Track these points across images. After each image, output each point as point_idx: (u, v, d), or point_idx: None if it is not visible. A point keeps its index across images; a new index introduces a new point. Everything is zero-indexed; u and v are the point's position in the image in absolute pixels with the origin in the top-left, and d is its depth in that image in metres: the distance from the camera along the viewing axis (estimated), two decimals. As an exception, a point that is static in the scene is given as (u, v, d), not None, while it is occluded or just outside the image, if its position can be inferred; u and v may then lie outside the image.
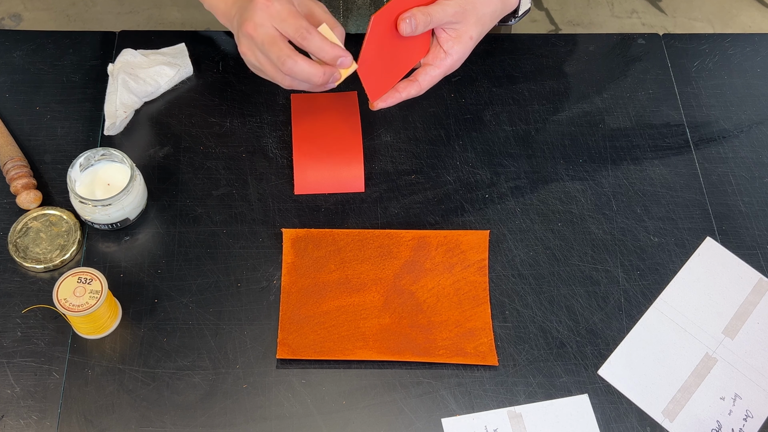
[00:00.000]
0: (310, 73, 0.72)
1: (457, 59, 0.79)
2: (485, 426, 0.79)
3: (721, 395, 0.82)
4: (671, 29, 2.15)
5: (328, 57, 0.72)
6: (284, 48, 0.72)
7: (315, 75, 0.72)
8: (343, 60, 0.73)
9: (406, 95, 0.80)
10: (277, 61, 0.72)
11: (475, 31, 0.78)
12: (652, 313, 0.86)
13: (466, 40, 0.78)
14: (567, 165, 0.95)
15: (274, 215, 0.90)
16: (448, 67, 0.80)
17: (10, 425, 0.77)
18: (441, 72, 0.80)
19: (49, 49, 1.00)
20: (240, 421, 0.78)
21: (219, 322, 0.83)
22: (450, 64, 0.80)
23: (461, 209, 0.91)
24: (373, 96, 0.79)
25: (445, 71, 0.80)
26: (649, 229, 0.91)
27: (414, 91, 0.80)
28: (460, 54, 0.79)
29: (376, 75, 0.78)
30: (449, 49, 0.78)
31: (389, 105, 0.81)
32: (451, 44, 0.78)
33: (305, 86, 0.75)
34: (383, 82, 0.80)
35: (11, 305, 0.83)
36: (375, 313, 0.84)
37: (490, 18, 0.80)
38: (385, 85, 0.80)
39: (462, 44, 0.78)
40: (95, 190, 0.86)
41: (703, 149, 0.97)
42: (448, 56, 0.79)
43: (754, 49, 1.06)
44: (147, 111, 0.96)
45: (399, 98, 0.80)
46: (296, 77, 0.73)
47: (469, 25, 0.77)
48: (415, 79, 0.80)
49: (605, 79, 1.02)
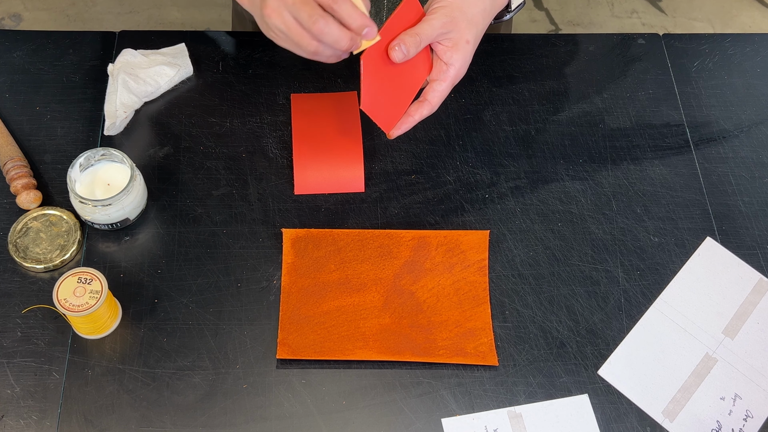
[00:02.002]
0: (339, 36, 0.70)
1: (459, 67, 0.79)
2: (485, 426, 0.79)
3: (721, 395, 0.82)
4: (671, 29, 2.15)
5: (356, 24, 0.70)
6: (316, 8, 0.69)
7: (343, 38, 0.70)
8: (369, 30, 0.71)
9: (419, 117, 0.80)
10: (308, 21, 0.69)
11: (469, 34, 0.78)
12: (652, 313, 0.86)
13: (464, 46, 0.78)
14: (567, 165, 0.95)
15: (274, 215, 0.90)
16: (453, 77, 0.79)
17: (10, 425, 0.77)
18: (448, 85, 0.79)
19: (49, 49, 1.00)
20: (240, 421, 0.78)
21: (219, 322, 0.83)
22: (454, 74, 0.79)
23: (461, 209, 0.91)
24: (387, 127, 0.79)
25: (451, 83, 0.79)
26: (649, 229, 0.91)
27: (426, 111, 0.80)
28: (461, 62, 0.78)
29: (384, 108, 0.77)
30: (449, 59, 0.78)
31: (405, 131, 0.81)
32: (450, 54, 0.77)
33: (328, 53, 0.73)
34: (394, 111, 0.79)
35: (11, 305, 0.83)
36: (375, 313, 0.84)
37: (481, 17, 0.79)
38: (396, 113, 0.79)
39: (460, 51, 0.78)
40: (95, 190, 0.86)
41: (703, 149, 0.97)
42: (450, 67, 0.78)
43: (754, 49, 1.06)
44: (147, 111, 0.96)
45: (413, 122, 0.80)
46: (325, 39, 0.70)
47: (461, 31, 0.77)
48: (424, 99, 0.80)
49: (605, 79, 1.02)
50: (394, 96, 0.78)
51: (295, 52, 0.73)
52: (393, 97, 0.78)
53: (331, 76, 1.00)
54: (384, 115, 0.78)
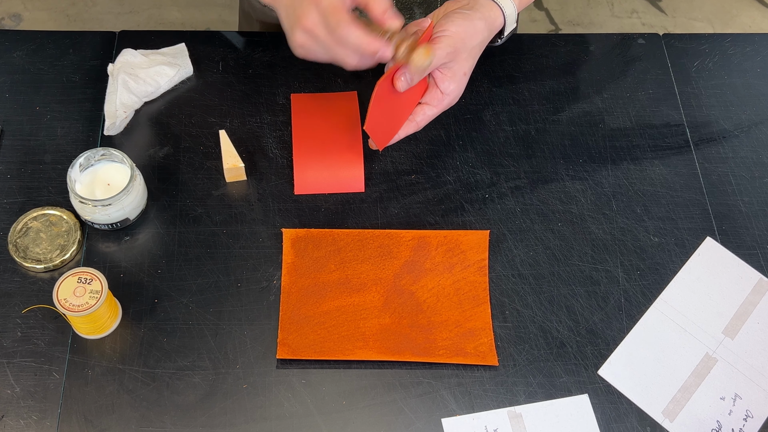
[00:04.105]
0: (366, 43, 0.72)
1: (453, 97, 0.82)
2: (485, 426, 0.79)
3: (721, 395, 0.82)
4: (671, 29, 2.15)
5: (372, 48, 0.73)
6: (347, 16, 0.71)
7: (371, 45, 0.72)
8: (381, 54, 0.73)
9: (404, 134, 0.85)
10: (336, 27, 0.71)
11: (467, 65, 0.81)
12: (652, 313, 0.86)
13: (461, 77, 0.81)
14: (567, 165, 0.95)
15: (274, 215, 0.90)
16: (445, 105, 0.83)
17: (10, 425, 0.77)
18: (438, 111, 0.83)
19: (49, 49, 1.00)
20: (240, 421, 0.78)
21: (219, 322, 0.83)
22: (447, 103, 0.83)
23: (461, 209, 0.91)
24: (381, 144, 0.83)
25: (441, 110, 0.83)
26: (649, 229, 0.91)
27: (412, 130, 0.84)
28: (456, 92, 0.82)
29: (382, 128, 0.81)
30: (446, 89, 0.81)
31: (389, 144, 0.85)
32: (447, 84, 0.80)
33: (366, 60, 0.75)
34: (389, 130, 0.83)
35: (11, 305, 0.83)
36: (375, 313, 0.84)
37: (479, 49, 0.82)
38: (390, 132, 0.83)
39: (457, 81, 0.81)
40: (95, 190, 0.86)
41: (703, 149, 0.97)
42: (446, 96, 0.82)
43: (754, 49, 1.06)
44: (147, 111, 0.96)
45: (398, 137, 0.84)
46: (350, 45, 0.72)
47: (461, 62, 0.79)
48: (413, 119, 0.83)
49: (605, 79, 1.02)
50: (392, 117, 0.82)
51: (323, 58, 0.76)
52: (390, 118, 0.81)
53: (331, 76, 1.00)
54: (380, 134, 0.81)
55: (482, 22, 0.80)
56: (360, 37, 0.71)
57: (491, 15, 0.81)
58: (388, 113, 0.80)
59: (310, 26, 0.72)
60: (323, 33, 0.72)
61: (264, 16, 1.09)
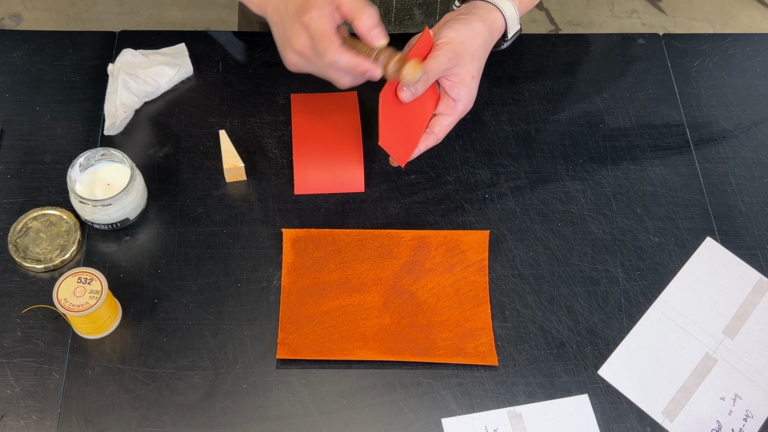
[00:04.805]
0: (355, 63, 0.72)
1: (467, 103, 0.81)
2: (485, 426, 0.79)
3: (721, 395, 0.82)
4: (671, 29, 2.15)
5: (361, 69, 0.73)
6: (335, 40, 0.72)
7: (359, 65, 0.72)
8: (370, 74, 0.73)
9: (424, 147, 0.83)
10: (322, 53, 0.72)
11: (474, 68, 0.79)
12: (652, 313, 0.86)
13: (469, 81, 0.79)
14: (567, 165, 0.95)
15: (274, 215, 0.90)
16: (460, 112, 0.81)
17: (10, 425, 0.77)
18: (454, 119, 0.82)
19: (49, 49, 1.00)
20: (240, 421, 0.78)
21: (219, 322, 0.83)
22: (461, 110, 0.81)
23: (461, 209, 0.91)
24: (402, 160, 0.81)
25: (458, 117, 0.82)
26: (649, 229, 0.91)
27: (432, 143, 0.82)
28: (468, 97, 0.80)
29: (399, 141, 0.79)
30: (457, 95, 0.80)
31: (412, 159, 0.83)
32: (457, 90, 0.79)
33: (359, 79, 0.75)
34: (407, 144, 0.81)
35: (11, 305, 0.83)
36: (375, 313, 0.84)
37: (483, 50, 0.81)
38: (410, 146, 0.81)
39: (467, 86, 0.79)
40: (95, 190, 0.86)
41: (703, 149, 0.97)
42: (458, 103, 0.80)
43: (754, 49, 1.06)
44: (147, 111, 0.96)
45: (419, 151, 0.83)
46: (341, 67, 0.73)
47: (466, 65, 0.78)
48: (431, 131, 0.82)
49: (605, 79, 1.02)
50: (407, 130, 0.80)
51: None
52: (406, 131, 0.80)
53: (331, 76, 1.00)
54: (399, 149, 0.80)
55: (481, 24, 0.79)
56: (349, 61, 0.72)
57: (490, 17, 0.81)
58: (401, 126, 0.78)
59: (301, 48, 0.73)
60: (313, 56, 0.73)
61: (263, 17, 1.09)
